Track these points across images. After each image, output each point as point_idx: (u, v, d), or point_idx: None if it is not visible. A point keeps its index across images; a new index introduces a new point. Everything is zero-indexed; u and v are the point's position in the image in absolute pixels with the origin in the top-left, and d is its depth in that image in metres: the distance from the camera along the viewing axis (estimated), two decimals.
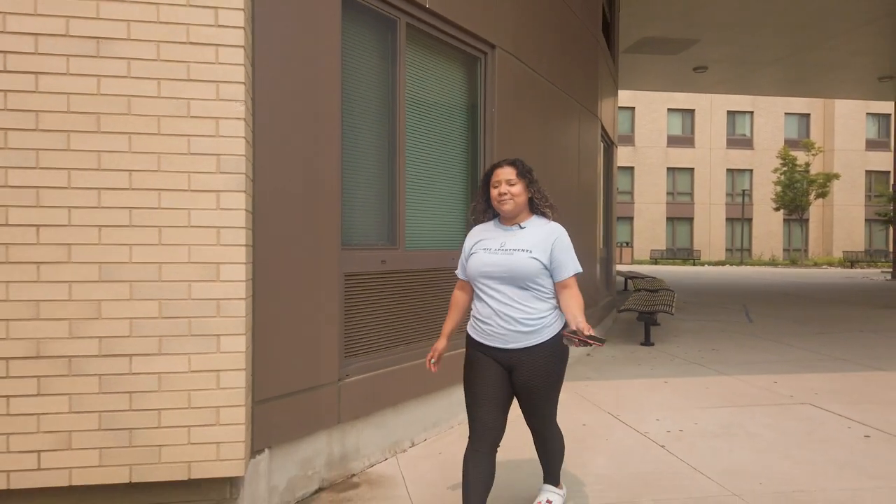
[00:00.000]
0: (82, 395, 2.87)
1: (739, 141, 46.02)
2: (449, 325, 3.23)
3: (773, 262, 42.04)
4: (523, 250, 2.88)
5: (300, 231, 3.55)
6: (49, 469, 2.85)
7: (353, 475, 4.03)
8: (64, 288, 2.84)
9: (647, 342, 8.60)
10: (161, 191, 2.92)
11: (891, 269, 29.13)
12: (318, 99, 3.65)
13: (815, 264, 40.80)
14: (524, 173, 3.00)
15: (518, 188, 2.96)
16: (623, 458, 4.31)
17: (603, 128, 9.65)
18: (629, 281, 16.82)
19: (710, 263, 41.51)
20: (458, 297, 3.25)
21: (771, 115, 46.02)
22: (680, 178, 45.41)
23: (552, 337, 2.91)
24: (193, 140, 2.95)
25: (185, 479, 2.96)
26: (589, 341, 2.66)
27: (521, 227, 2.98)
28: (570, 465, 4.17)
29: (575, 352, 2.16)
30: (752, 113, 45.84)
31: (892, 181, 26.82)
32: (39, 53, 2.81)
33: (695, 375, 6.83)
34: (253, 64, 3.24)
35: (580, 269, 2.98)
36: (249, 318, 3.17)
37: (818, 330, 10.29)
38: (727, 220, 45.73)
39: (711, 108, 44.87)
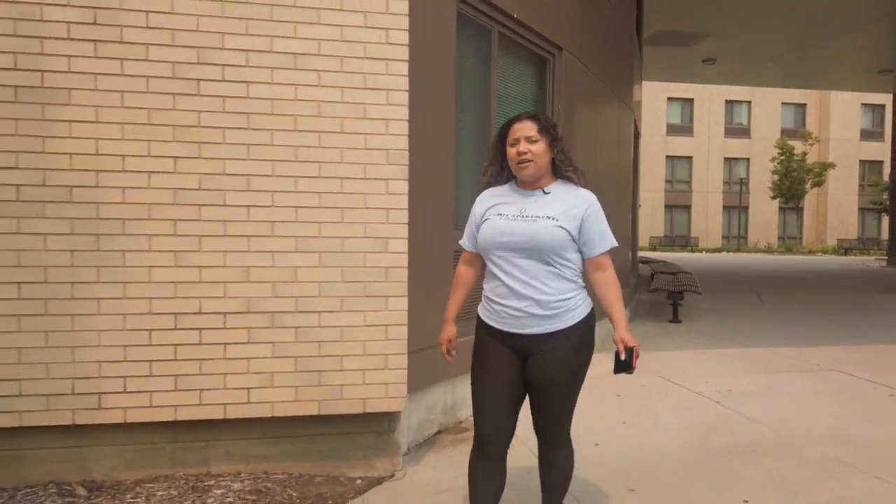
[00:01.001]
0: (282, 343, 3.54)
1: (737, 130, 46.79)
2: (454, 306, 2.78)
3: (768, 250, 42.92)
4: (548, 217, 2.45)
5: (432, 212, 4.21)
6: (256, 403, 3.53)
7: (461, 421, 4.72)
8: (268, 257, 3.51)
9: (676, 319, 9.32)
10: (343, 179, 3.58)
11: (885, 257, 30.00)
12: (441, 101, 4.31)
13: (810, 252, 41.70)
14: (547, 128, 2.53)
15: (540, 147, 2.50)
16: (686, 410, 5.01)
17: (634, 119, 10.33)
18: (640, 265, 17.52)
19: (707, 250, 42.33)
20: (464, 273, 2.79)
21: (768, 104, 46.76)
22: (678, 167, 46.17)
23: (577, 323, 2.52)
24: (369, 137, 3.61)
25: (361, 412, 3.65)
26: (625, 370, 2.50)
27: (544, 192, 2.54)
28: (642, 416, 4.87)
29: (603, 332, 2.25)
30: (749, 102, 46.56)
31: (888, 171, 27.59)
32: (250, 66, 3.46)
33: (726, 347, 7.55)
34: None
35: (616, 243, 2.59)
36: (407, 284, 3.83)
37: (828, 311, 11.04)
38: (724, 207, 46.57)
39: (710, 97, 45.55)
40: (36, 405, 3.32)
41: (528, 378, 2.54)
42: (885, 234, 42.66)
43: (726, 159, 46.71)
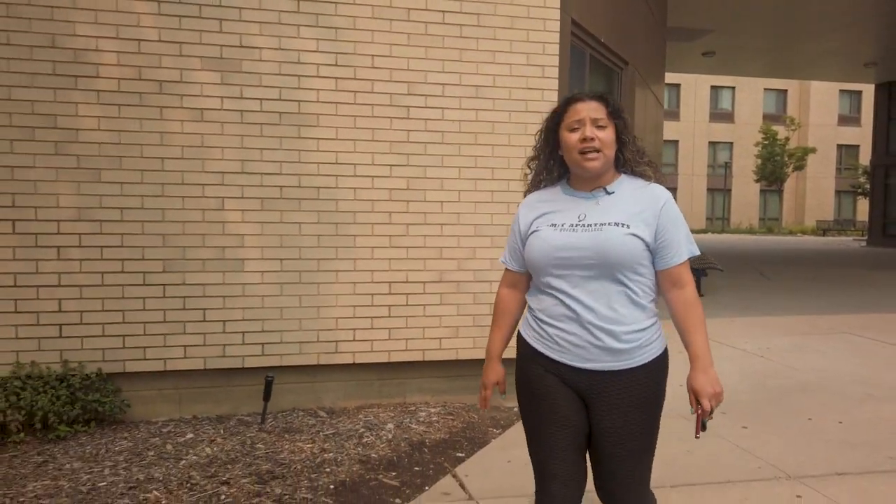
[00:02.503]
0: (464, 304, 4.70)
1: (721, 115, 48.34)
2: (499, 340, 2.29)
3: (751, 231, 44.66)
4: (617, 224, 1.97)
5: None
6: (446, 349, 4.70)
7: None
8: (455, 240, 4.66)
9: (699, 294, 10.60)
10: (509, 181, 4.73)
11: (863, 237, 31.76)
12: None
13: (790, 232, 43.49)
14: (618, 113, 2.07)
15: (609, 134, 2.03)
16: (738, 362, 6.26)
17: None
18: None
19: (693, 231, 43.81)
20: (508, 298, 2.29)
21: (751, 90, 48.29)
22: (665, 150, 47.58)
23: (649, 362, 2.05)
24: (528, 149, 4.74)
25: None
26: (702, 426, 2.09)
27: (607, 192, 2.06)
28: None
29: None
30: (733, 88, 48.06)
31: (865, 155, 29.17)
32: (444, 96, 4.59)
33: (750, 316, 8.83)
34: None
35: (698, 251, 2.10)
36: None
37: (827, 286, 12.40)
38: (708, 190, 48.22)
39: (696, 83, 46.91)
40: (292, 350, 4.46)
41: (594, 429, 2.07)
42: (860, 216, 44.72)
43: (711, 143, 48.28)
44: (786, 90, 49.05)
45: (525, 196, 2.29)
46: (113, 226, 4.15)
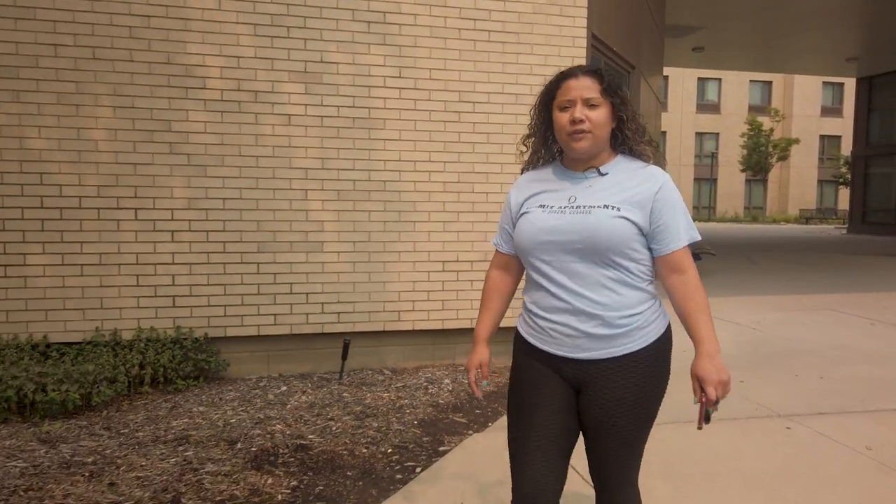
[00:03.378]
0: None
1: (708, 106, 49.39)
2: (486, 323, 2.20)
3: (736, 219, 45.80)
4: (606, 206, 1.87)
5: None
6: (471, 318, 5.51)
7: None
8: (497, 225, 5.47)
9: None
10: None
11: (844, 225, 32.92)
12: None
13: (774, 221, 44.67)
14: (612, 90, 1.93)
15: (601, 114, 1.90)
16: (734, 333, 7.14)
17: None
18: None
19: None
20: (497, 280, 2.21)
21: (737, 82, 49.35)
22: None
23: (649, 344, 1.93)
24: None
25: None
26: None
27: (599, 173, 1.95)
28: None
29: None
30: (720, 80, 49.09)
31: (846, 146, 30.25)
32: (490, 103, 5.40)
33: (742, 296, 9.73)
34: None
35: (699, 237, 1.95)
36: None
37: (811, 269, 13.36)
38: (695, 179, 49.30)
39: (683, 75, 47.90)
40: (362, 319, 5.27)
41: (584, 417, 1.98)
42: (841, 205, 46.01)
43: (697, 134, 49.34)
44: (771, 82, 50.16)
45: (521, 174, 2.18)
46: (216, 213, 4.94)
